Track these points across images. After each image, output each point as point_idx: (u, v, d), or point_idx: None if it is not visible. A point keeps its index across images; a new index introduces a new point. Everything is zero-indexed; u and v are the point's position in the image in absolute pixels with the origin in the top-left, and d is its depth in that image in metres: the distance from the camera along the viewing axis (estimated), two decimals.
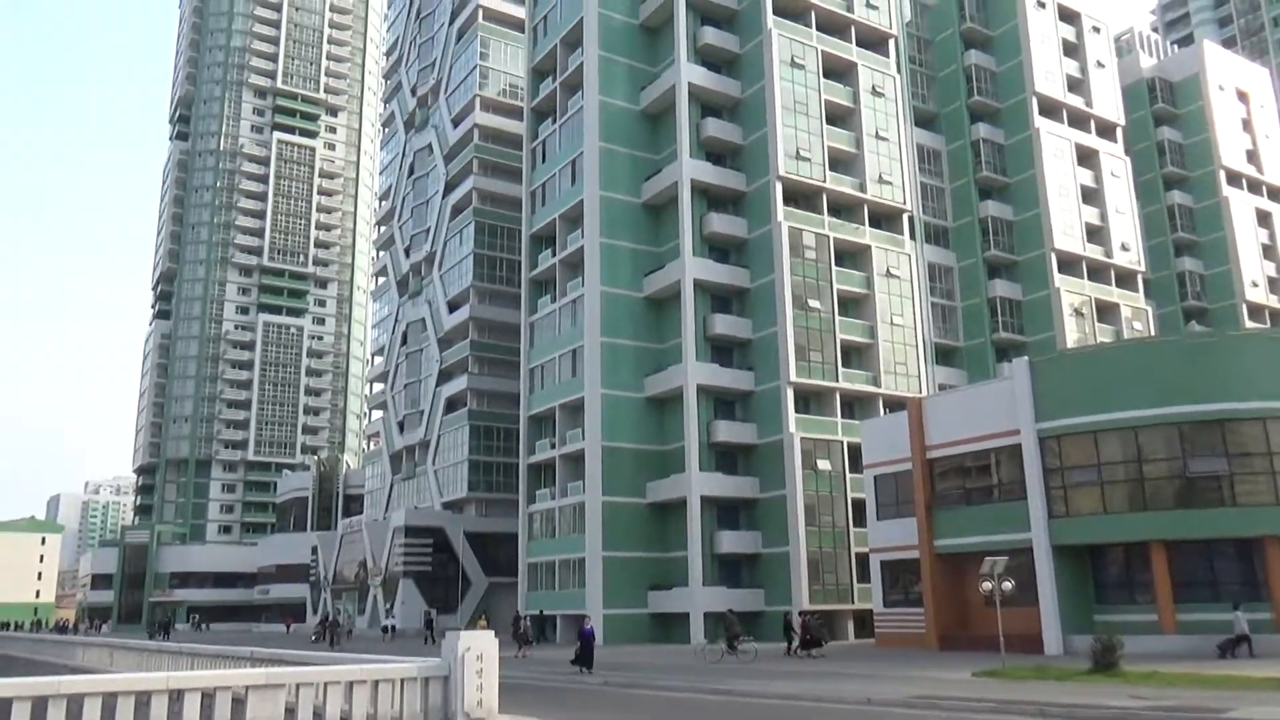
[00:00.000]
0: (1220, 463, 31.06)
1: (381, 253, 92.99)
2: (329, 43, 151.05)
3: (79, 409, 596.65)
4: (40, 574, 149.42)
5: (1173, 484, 31.75)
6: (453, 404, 73.86)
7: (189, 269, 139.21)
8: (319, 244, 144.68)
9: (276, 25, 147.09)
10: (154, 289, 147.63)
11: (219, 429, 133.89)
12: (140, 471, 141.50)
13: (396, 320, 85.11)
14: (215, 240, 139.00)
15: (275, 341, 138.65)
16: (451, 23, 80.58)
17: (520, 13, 73.14)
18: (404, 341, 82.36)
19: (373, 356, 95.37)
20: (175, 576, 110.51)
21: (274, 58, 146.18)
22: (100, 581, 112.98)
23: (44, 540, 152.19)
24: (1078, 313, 62.45)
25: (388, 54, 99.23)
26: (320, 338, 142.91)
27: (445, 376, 75.38)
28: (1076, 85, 69.05)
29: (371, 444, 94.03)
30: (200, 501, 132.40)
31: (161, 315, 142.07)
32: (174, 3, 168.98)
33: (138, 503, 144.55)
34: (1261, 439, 31.01)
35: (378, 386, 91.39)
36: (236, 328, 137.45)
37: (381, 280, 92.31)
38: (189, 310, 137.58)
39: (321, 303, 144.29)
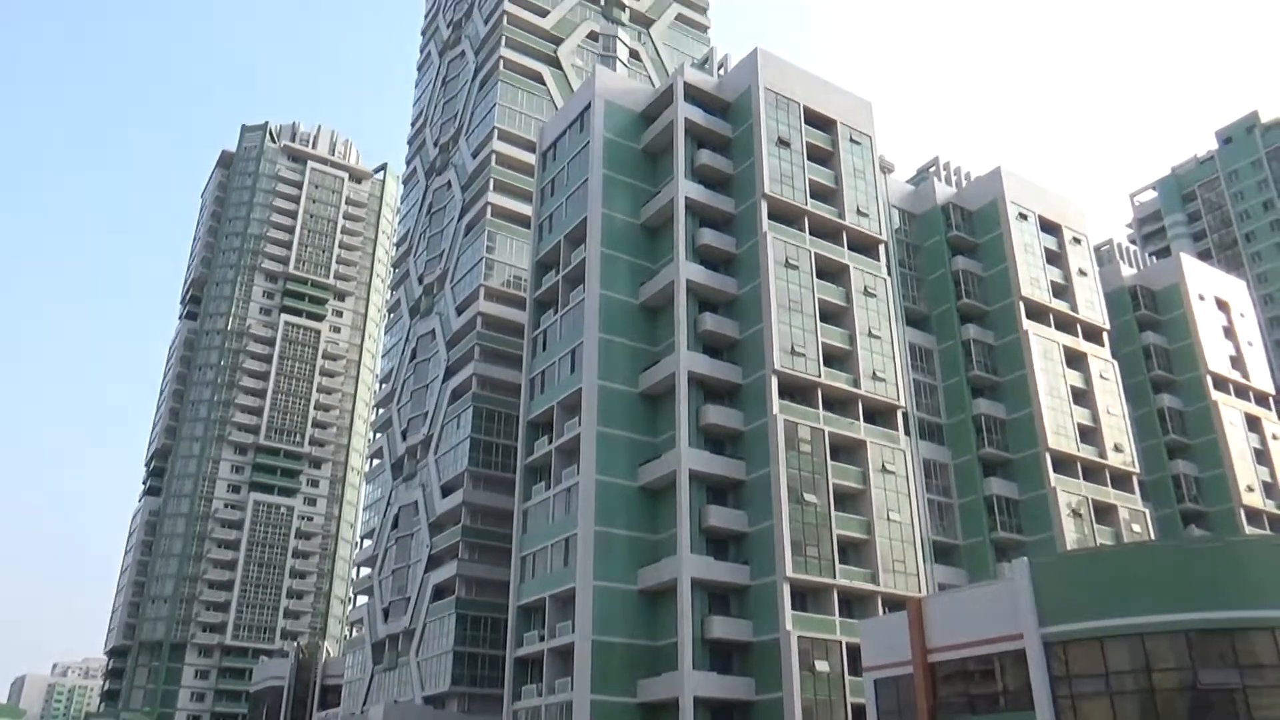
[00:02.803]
0: (1232, 674, 30.08)
1: (378, 435, 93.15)
2: (342, 233, 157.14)
3: (55, 588, 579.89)
4: None
5: (1184, 696, 30.60)
6: (440, 591, 71.96)
7: (185, 445, 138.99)
8: (317, 424, 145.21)
9: (293, 215, 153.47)
10: (147, 465, 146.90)
11: (198, 610, 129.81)
12: (112, 654, 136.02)
13: (389, 503, 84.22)
14: (214, 418, 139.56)
15: (264, 521, 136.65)
16: (461, 217, 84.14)
17: (527, 210, 76.52)
18: (395, 525, 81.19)
19: (362, 540, 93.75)
20: None
21: (288, 245, 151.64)
22: None
23: None
24: (1075, 513, 62.12)
25: (398, 244, 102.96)
26: (310, 518, 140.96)
27: (434, 562, 73.82)
28: (1061, 291, 71.55)
29: (354, 631, 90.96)
30: (171, 688, 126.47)
31: (152, 492, 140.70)
32: (195, 190, 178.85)
33: (105, 687, 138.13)
34: (1273, 650, 30.17)
35: (364, 571, 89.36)
36: (226, 506, 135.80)
37: (376, 462, 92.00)
38: (180, 487, 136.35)
39: (314, 483, 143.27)
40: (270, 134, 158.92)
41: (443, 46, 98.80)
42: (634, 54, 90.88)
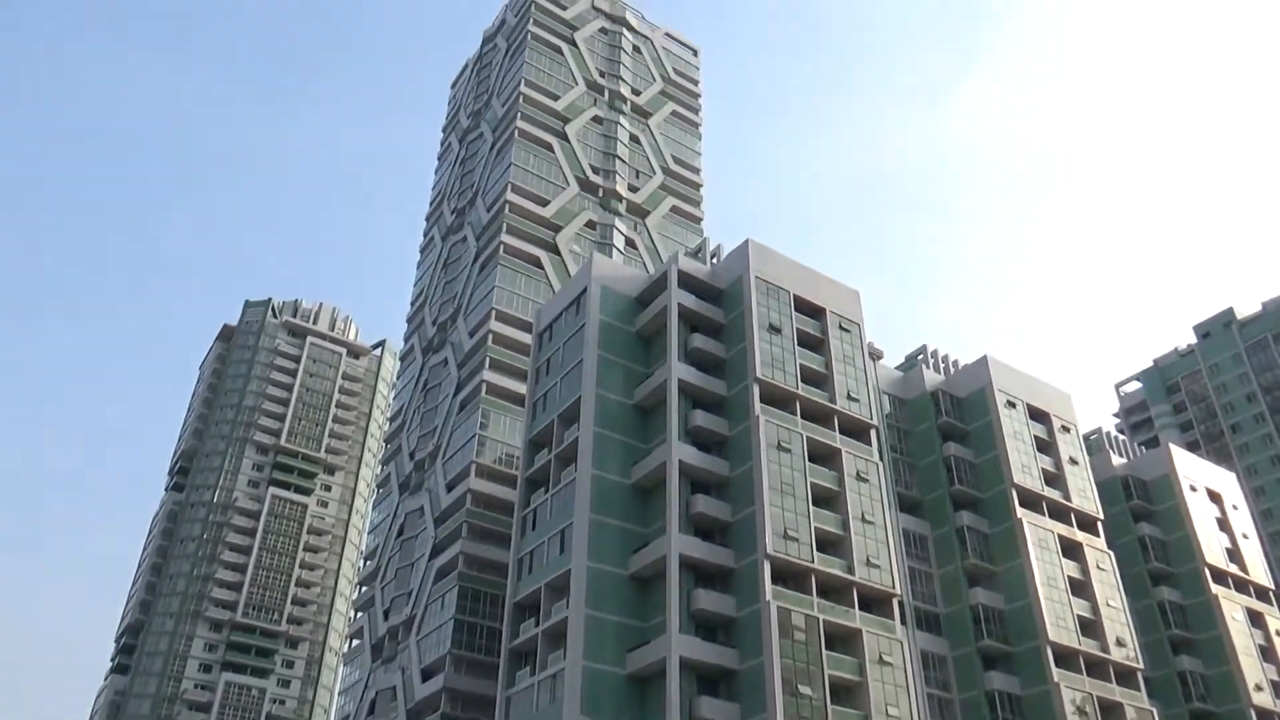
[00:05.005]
0: None
1: (359, 614, 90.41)
2: (337, 407, 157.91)
3: None
4: None
5: None
6: None
7: (158, 621, 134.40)
8: (296, 601, 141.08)
9: (289, 389, 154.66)
10: (116, 641, 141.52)
11: None
12: None
13: (366, 686, 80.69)
14: (191, 592, 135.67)
15: (234, 704, 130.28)
16: (456, 394, 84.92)
17: (521, 389, 77.35)
18: (371, 711, 77.48)
19: None
20: None
21: (282, 418, 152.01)
22: None
23: None
24: (1081, 711, 59.81)
25: (391, 419, 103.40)
26: (283, 701, 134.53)
27: None
28: (1053, 479, 71.57)
29: None
30: None
31: (119, 670, 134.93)
32: (193, 363, 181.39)
33: None
34: None
35: None
36: (196, 686, 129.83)
37: (356, 643, 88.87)
38: (149, 665, 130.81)
39: (289, 664, 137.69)
40: (273, 309, 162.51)
41: (446, 231, 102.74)
42: (630, 242, 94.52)
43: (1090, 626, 65.07)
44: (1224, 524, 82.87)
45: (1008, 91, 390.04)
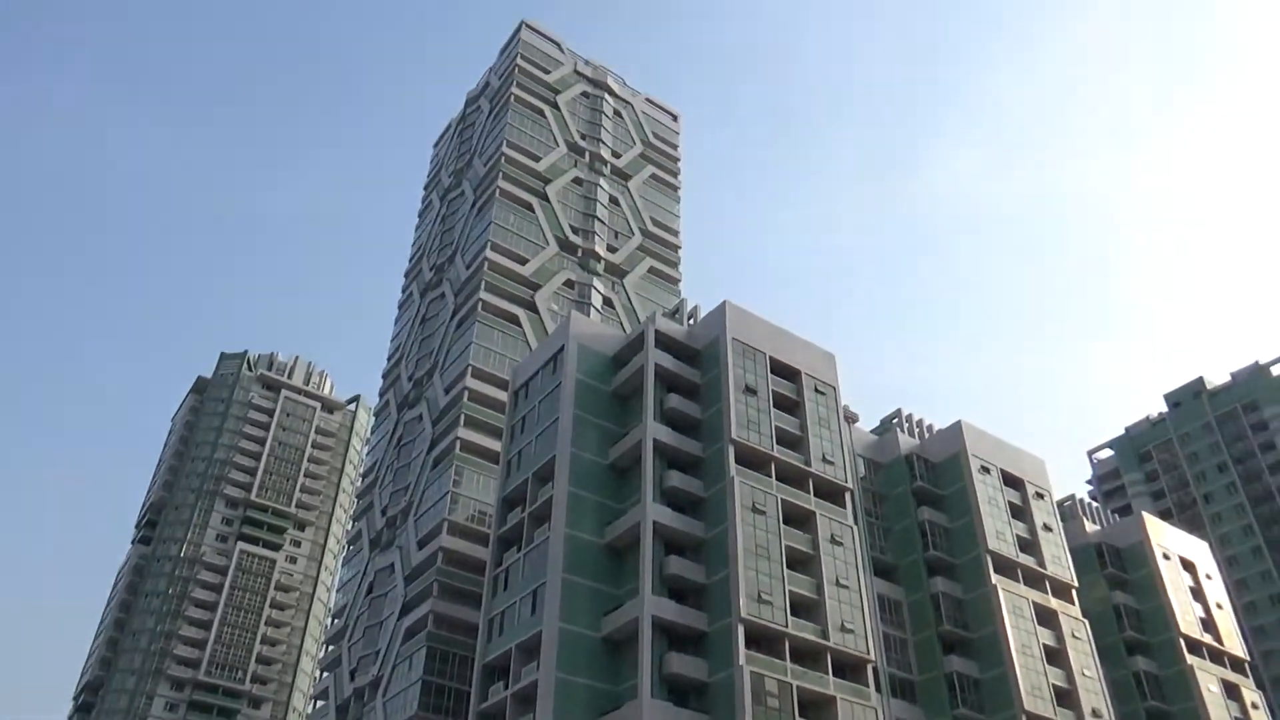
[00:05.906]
0: None
1: (325, 674, 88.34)
2: (309, 461, 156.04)
3: None
4: None
5: None
6: None
7: (119, 679, 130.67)
8: (261, 660, 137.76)
9: (261, 443, 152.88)
10: (75, 699, 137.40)
11: None
12: None
13: None
14: (153, 649, 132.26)
15: None
16: (430, 451, 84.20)
17: (496, 446, 76.84)
18: None
19: None
20: None
21: (253, 472, 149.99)
22: None
23: None
24: None
25: (364, 475, 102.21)
26: None
27: None
28: (1027, 546, 71.55)
29: None
30: None
31: None
32: (166, 415, 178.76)
33: None
34: None
35: None
36: None
37: (321, 704, 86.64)
38: None
39: None
40: (248, 363, 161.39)
41: (424, 287, 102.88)
42: (608, 301, 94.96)
43: (1066, 696, 64.54)
44: (1198, 593, 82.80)
45: (980, 157, 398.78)
